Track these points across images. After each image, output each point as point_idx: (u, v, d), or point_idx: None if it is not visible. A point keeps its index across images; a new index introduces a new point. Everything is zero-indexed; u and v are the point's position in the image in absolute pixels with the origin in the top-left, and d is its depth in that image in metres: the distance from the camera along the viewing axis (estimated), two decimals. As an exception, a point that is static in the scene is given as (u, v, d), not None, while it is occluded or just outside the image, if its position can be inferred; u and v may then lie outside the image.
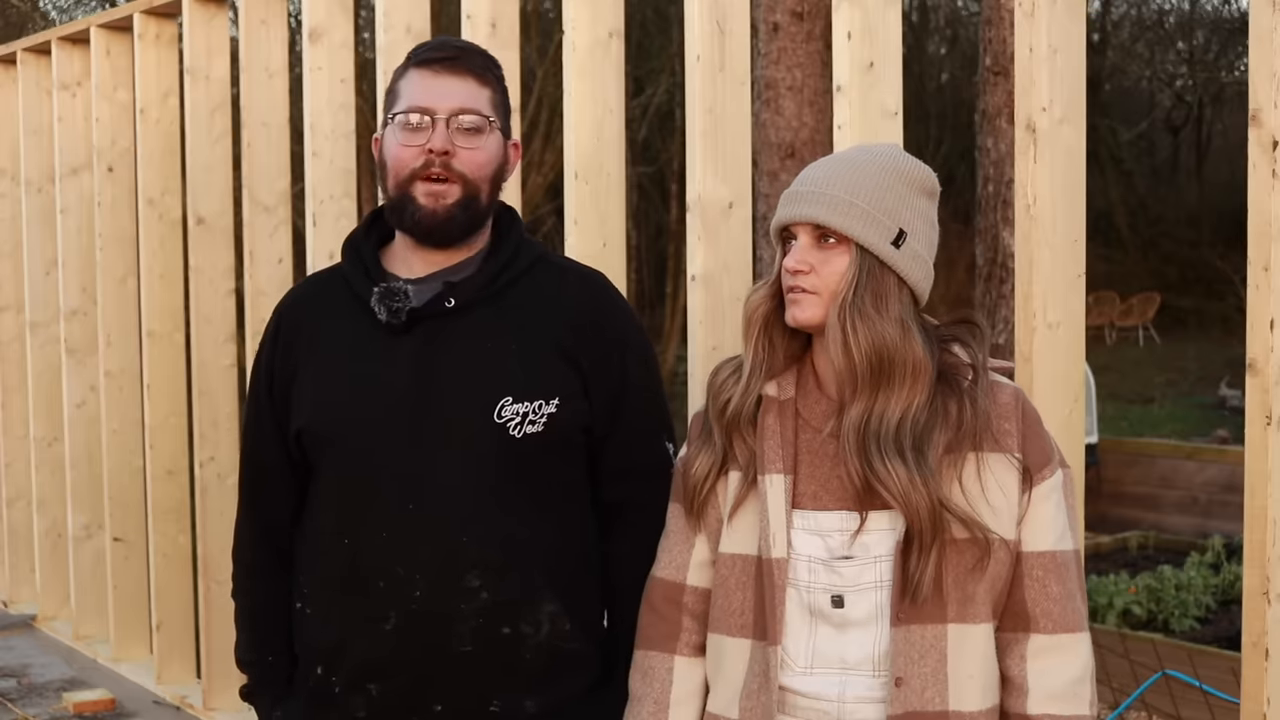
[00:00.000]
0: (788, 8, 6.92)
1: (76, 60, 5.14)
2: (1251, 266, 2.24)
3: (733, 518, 1.97)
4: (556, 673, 2.15)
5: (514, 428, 2.09)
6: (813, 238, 1.91)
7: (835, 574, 1.90)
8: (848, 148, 2.05)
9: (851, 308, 1.87)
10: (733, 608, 1.97)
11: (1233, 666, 5.71)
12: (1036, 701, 1.90)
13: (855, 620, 1.90)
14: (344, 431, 2.13)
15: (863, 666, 1.89)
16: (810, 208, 1.90)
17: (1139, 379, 17.76)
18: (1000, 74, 6.50)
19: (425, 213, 2.10)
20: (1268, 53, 2.21)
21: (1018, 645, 1.92)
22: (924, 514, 1.83)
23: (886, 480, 1.84)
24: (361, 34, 14.12)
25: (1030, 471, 1.91)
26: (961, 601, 1.88)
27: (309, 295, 2.28)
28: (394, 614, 2.09)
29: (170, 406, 4.69)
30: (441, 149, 2.08)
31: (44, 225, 5.43)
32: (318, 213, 3.90)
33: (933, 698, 1.86)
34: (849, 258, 1.88)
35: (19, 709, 4.56)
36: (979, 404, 1.88)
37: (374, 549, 2.10)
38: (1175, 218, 25.36)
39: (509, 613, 2.10)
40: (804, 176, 1.95)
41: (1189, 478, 9.97)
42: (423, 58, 2.15)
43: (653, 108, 18.74)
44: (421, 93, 2.11)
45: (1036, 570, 1.92)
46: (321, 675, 2.17)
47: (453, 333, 2.12)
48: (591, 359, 2.16)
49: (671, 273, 19.14)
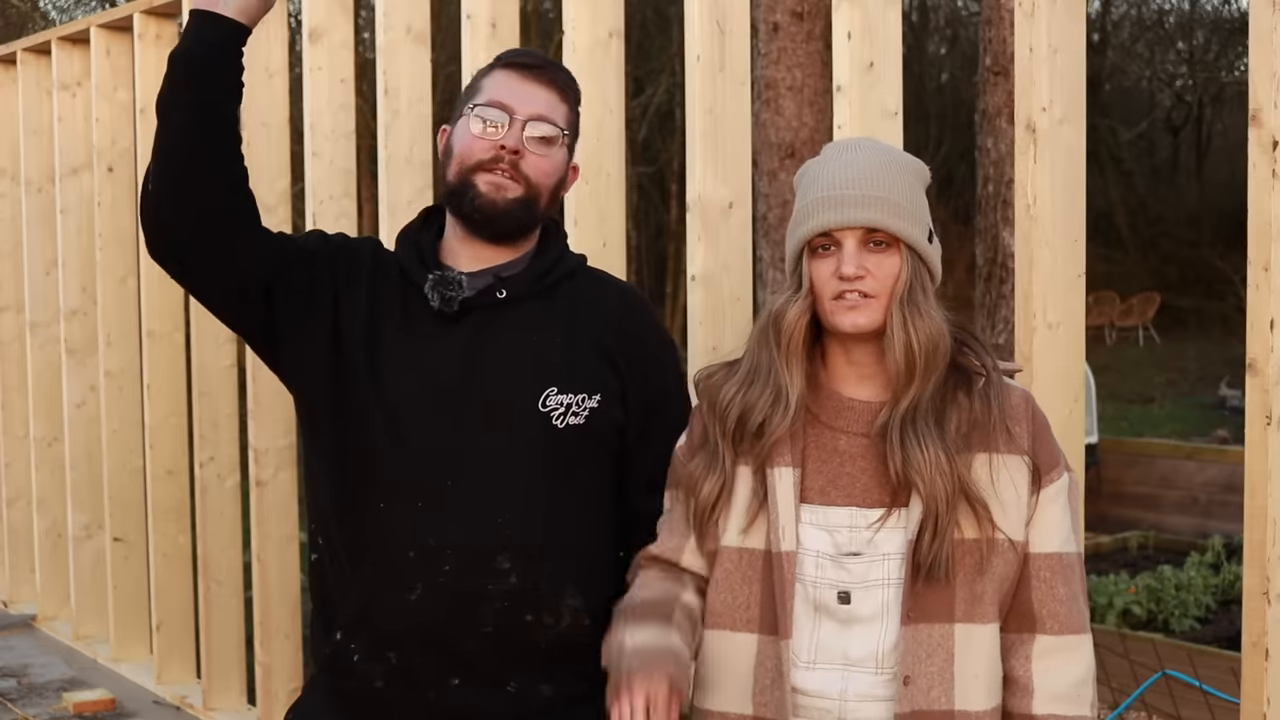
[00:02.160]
0: (788, 8, 6.92)
1: (76, 60, 5.14)
2: (1251, 266, 2.24)
3: (745, 514, 1.96)
4: (572, 662, 2.16)
5: (557, 418, 2.12)
6: (859, 241, 1.89)
7: (844, 570, 1.90)
8: (845, 143, 2.02)
9: (909, 306, 1.89)
10: (738, 602, 1.96)
11: (1233, 666, 5.70)
12: (1041, 702, 1.91)
13: (860, 617, 1.90)
14: (388, 407, 2.13)
15: (865, 663, 1.89)
16: (862, 211, 1.88)
17: (1139, 379, 17.76)
18: (1000, 74, 6.50)
19: (485, 200, 2.13)
20: (1268, 53, 2.21)
21: (1023, 646, 1.93)
22: (948, 496, 1.85)
23: (918, 462, 1.85)
24: (361, 34, 14.12)
25: (1040, 473, 1.93)
26: (969, 601, 1.88)
27: (376, 253, 2.27)
28: (420, 585, 2.10)
29: (170, 406, 4.69)
30: (514, 147, 2.13)
31: (44, 225, 5.42)
32: (318, 213, 3.90)
33: (939, 697, 1.87)
34: (899, 257, 1.89)
35: (19, 709, 4.56)
36: (992, 405, 1.90)
37: (408, 519, 2.10)
38: (1175, 218, 25.37)
39: (534, 600, 2.11)
40: (833, 178, 1.92)
41: (1189, 478, 9.96)
42: (512, 61, 2.20)
43: (653, 108, 18.75)
44: (505, 91, 2.15)
45: (1044, 572, 1.93)
46: (341, 641, 2.17)
47: (501, 324, 2.15)
48: (631, 366, 2.20)
49: (671, 273, 19.16)
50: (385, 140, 3.56)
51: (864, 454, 1.93)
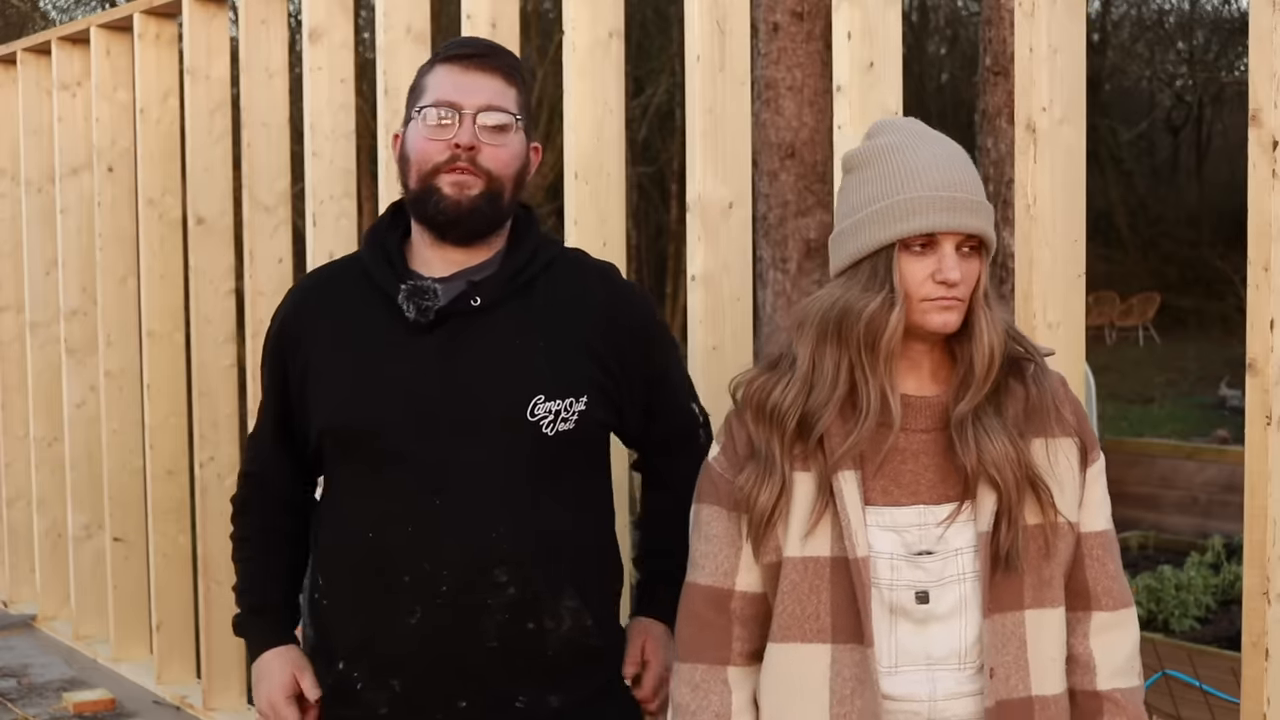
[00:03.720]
0: (788, 8, 6.92)
1: (76, 60, 5.14)
2: (1251, 266, 2.24)
3: (808, 520, 1.90)
4: (578, 668, 2.15)
5: (547, 425, 2.09)
6: (955, 245, 1.86)
7: (920, 569, 1.88)
8: (921, 131, 1.94)
9: (987, 305, 1.89)
10: (806, 613, 1.90)
11: (1233, 666, 5.70)
12: (1104, 678, 1.94)
13: (938, 615, 1.88)
14: (371, 428, 2.11)
15: (948, 661, 1.88)
16: (973, 218, 1.85)
17: (1139, 379, 17.75)
18: (1000, 74, 6.49)
19: (450, 202, 2.09)
20: (1268, 53, 2.21)
21: (1080, 624, 1.96)
22: (1015, 484, 1.86)
23: (992, 453, 1.86)
24: (361, 34, 14.12)
25: (1086, 452, 1.96)
26: (1037, 586, 1.89)
27: (319, 290, 2.25)
28: (420, 608, 2.08)
29: (170, 406, 4.69)
30: (468, 144, 2.09)
31: (44, 225, 5.43)
32: (318, 213, 3.90)
33: (1017, 685, 1.87)
34: (981, 261, 1.89)
35: (19, 709, 4.56)
36: (1045, 390, 1.92)
37: (400, 543, 2.09)
38: (1175, 218, 25.37)
39: (534, 607, 2.10)
40: (934, 177, 1.86)
41: (1189, 478, 9.95)
42: (451, 54, 2.14)
43: (653, 108, 18.75)
44: (450, 88, 2.11)
45: (1096, 550, 1.97)
46: (343, 670, 2.15)
47: (478, 330, 2.12)
48: (619, 355, 2.17)
49: (671, 273, 19.16)
50: (385, 140, 3.56)
51: (925, 450, 1.90)
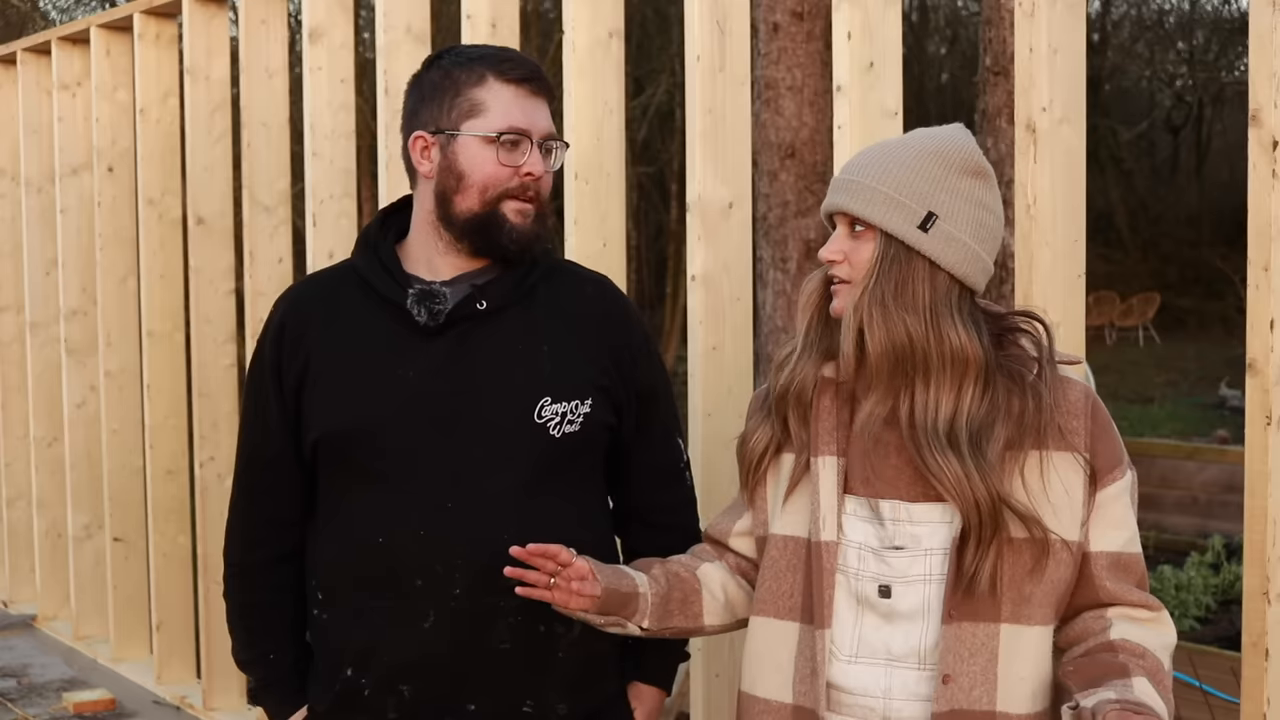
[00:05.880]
0: (788, 8, 6.92)
1: (76, 60, 5.14)
2: (1251, 266, 2.24)
3: (787, 499, 1.96)
4: (586, 676, 2.16)
5: (554, 428, 2.11)
6: (847, 226, 1.89)
7: (884, 564, 1.88)
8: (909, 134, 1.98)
9: (870, 298, 1.84)
10: (782, 590, 1.95)
11: (1233, 666, 5.70)
12: (1119, 632, 1.86)
13: (902, 612, 1.87)
14: (378, 432, 2.10)
15: (908, 659, 1.87)
16: (838, 196, 1.90)
17: (1139, 379, 17.76)
18: (1000, 74, 6.49)
19: (519, 232, 2.12)
20: (1268, 53, 2.21)
21: (1098, 617, 1.89)
22: (982, 509, 1.79)
23: (939, 474, 1.81)
24: (361, 34, 14.13)
25: (1098, 473, 1.87)
26: (1016, 602, 1.84)
27: (316, 295, 2.24)
28: (433, 612, 2.08)
29: (170, 407, 4.69)
30: (539, 174, 2.13)
31: (44, 225, 5.43)
32: (318, 213, 3.90)
33: (980, 697, 1.83)
34: (873, 245, 1.86)
35: (19, 709, 4.56)
36: (1043, 399, 1.84)
37: (411, 548, 2.08)
38: (1175, 218, 25.38)
39: (546, 610, 2.10)
40: (844, 165, 1.96)
41: (1189, 478, 9.95)
42: (512, 75, 2.13)
43: (653, 108, 18.76)
44: (519, 113, 2.12)
45: (1109, 569, 1.88)
46: (351, 677, 2.14)
47: (485, 334, 2.13)
48: (615, 362, 2.19)
49: (671, 273, 19.16)
50: (385, 140, 3.56)
51: (905, 446, 1.87)
